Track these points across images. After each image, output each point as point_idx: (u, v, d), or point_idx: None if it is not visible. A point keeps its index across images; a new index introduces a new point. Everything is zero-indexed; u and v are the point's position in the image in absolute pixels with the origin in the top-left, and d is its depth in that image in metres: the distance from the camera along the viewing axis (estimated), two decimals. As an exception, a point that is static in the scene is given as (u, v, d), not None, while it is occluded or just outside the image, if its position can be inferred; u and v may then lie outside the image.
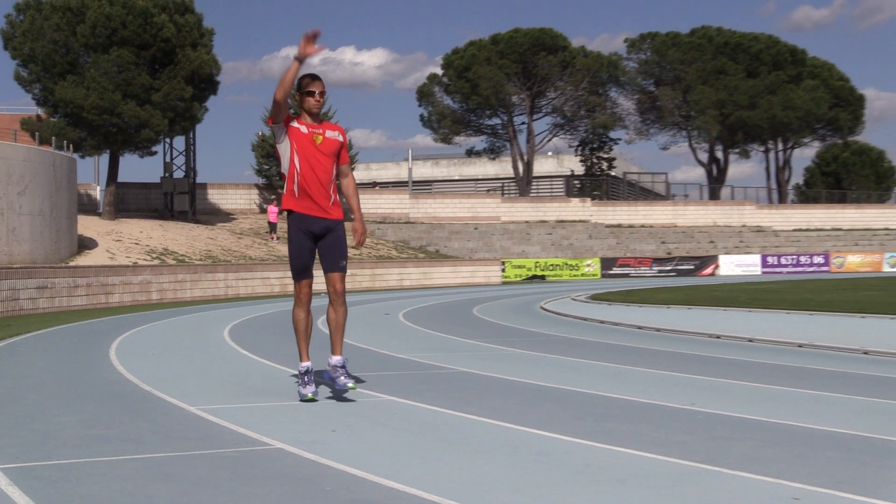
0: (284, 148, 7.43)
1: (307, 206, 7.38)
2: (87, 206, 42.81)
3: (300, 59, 7.23)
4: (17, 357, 12.02)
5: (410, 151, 67.53)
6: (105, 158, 42.18)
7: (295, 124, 7.40)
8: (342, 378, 7.35)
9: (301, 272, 7.50)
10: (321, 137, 7.41)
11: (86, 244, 33.78)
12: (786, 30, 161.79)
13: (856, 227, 65.59)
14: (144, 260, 33.78)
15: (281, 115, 7.33)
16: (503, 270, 47.18)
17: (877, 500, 4.33)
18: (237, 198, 50.61)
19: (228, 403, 7.55)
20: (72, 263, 29.35)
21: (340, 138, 7.56)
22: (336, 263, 7.50)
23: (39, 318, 21.02)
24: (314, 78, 7.48)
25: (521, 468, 5.07)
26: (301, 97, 7.49)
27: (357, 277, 39.49)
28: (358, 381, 8.11)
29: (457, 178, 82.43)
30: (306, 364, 7.51)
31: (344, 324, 7.56)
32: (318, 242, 7.48)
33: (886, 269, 56.39)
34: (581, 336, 14.63)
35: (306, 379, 7.46)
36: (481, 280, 44.04)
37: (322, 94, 7.45)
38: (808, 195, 79.29)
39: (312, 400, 7.38)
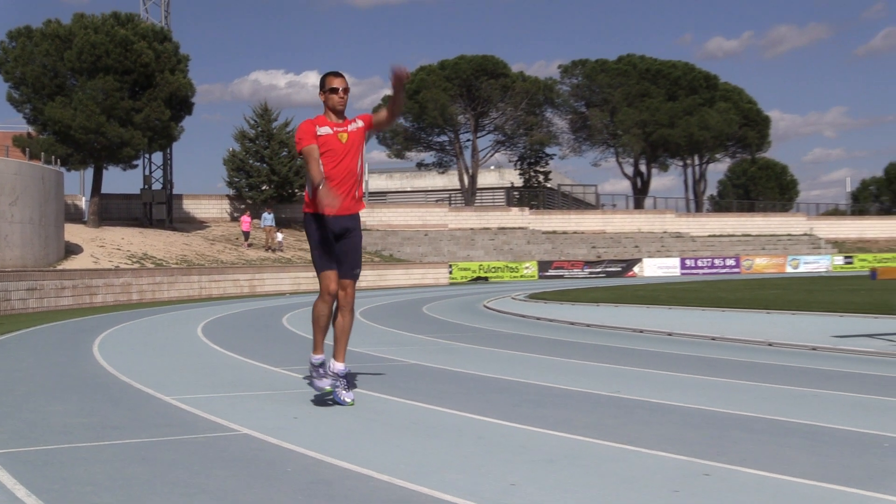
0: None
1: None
2: (74, 215, 42.28)
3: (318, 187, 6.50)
4: (7, 352, 11.85)
5: (367, 165, 67.20)
6: (90, 172, 41.84)
7: (319, 130, 6.67)
8: (342, 392, 6.69)
9: (326, 263, 6.66)
10: (346, 135, 6.68)
11: (72, 249, 33.46)
12: (701, 58, 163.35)
13: (763, 234, 66.40)
14: (125, 264, 33.46)
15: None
16: (450, 272, 47.17)
17: (775, 474, 4.40)
18: (210, 207, 50.23)
19: (201, 393, 7.50)
20: (59, 267, 29.01)
21: (362, 123, 6.80)
22: (350, 271, 6.77)
23: (29, 317, 20.77)
24: (336, 75, 6.77)
25: (465, 450, 5.09)
26: (325, 96, 6.76)
27: (319, 279, 39.31)
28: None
29: (409, 189, 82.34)
30: (320, 357, 6.75)
31: (350, 330, 6.85)
32: (336, 240, 6.75)
33: (789, 270, 57.10)
34: (520, 331, 14.67)
35: (321, 371, 6.72)
36: (431, 281, 44.01)
37: (346, 90, 6.72)
38: (721, 205, 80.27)
39: (330, 393, 6.67)
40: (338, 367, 6.76)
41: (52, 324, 17.88)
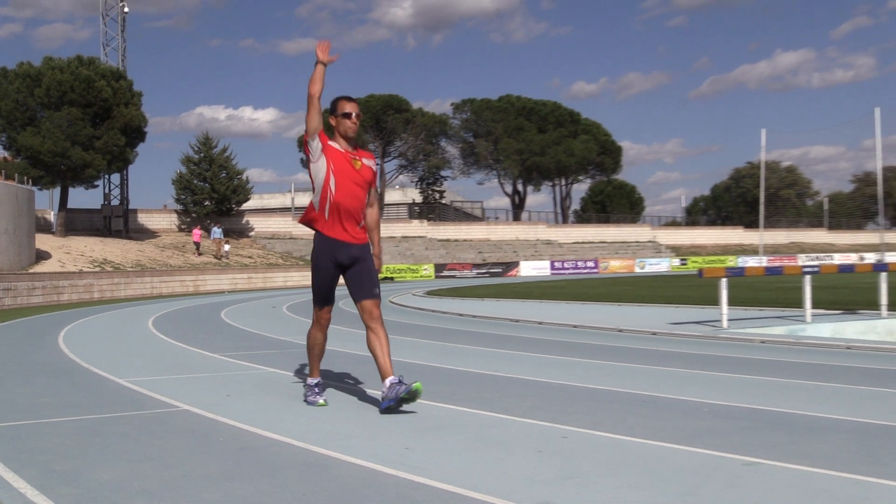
0: (320, 167, 5.37)
1: (337, 231, 5.45)
2: (44, 227, 41.06)
3: (323, 63, 5.30)
4: (-21, 344, 11.41)
5: (293, 185, 66.54)
6: (58, 190, 41.01)
7: (333, 144, 5.41)
8: (402, 387, 5.18)
9: (325, 299, 5.69)
10: (360, 163, 5.41)
11: (42, 256, 32.75)
12: (566, 98, 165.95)
13: (616, 241, 67.68)
14: (88, 268, 32.69)
15: (316, 120, 5.32)
16: (363, 273, 46.91)
17: (621, 436, 4.49)
18: (160, 220, 49.24)
19: (149, 376, 7.32)
20: (31, 271, 28.30)
21: (375, 167, 5.55)
22: (371, 291, 5.52)
23: (4, 313, 20.14)
24: (349, 100, 5.49)
25: (368, 421, 5.07)
26: (336, 121, 5.46)
27: (253, 279, 38.80)
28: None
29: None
30: (317, 379, 5.79)
31: (389, 345, 5.50)
32: (346, 271, 5.56)
33: (637, 270, 58.31)
34: (418, 322, 14.68)
35: (317, 390, 5.74)
36: (346, 281, 43.70)
37: (358, 116, 5.46)
38: (583, 217, 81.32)
39: (324, 405, 5.63)
40: (390, 378, 5.26)
41: (25, 318, 17.37)
